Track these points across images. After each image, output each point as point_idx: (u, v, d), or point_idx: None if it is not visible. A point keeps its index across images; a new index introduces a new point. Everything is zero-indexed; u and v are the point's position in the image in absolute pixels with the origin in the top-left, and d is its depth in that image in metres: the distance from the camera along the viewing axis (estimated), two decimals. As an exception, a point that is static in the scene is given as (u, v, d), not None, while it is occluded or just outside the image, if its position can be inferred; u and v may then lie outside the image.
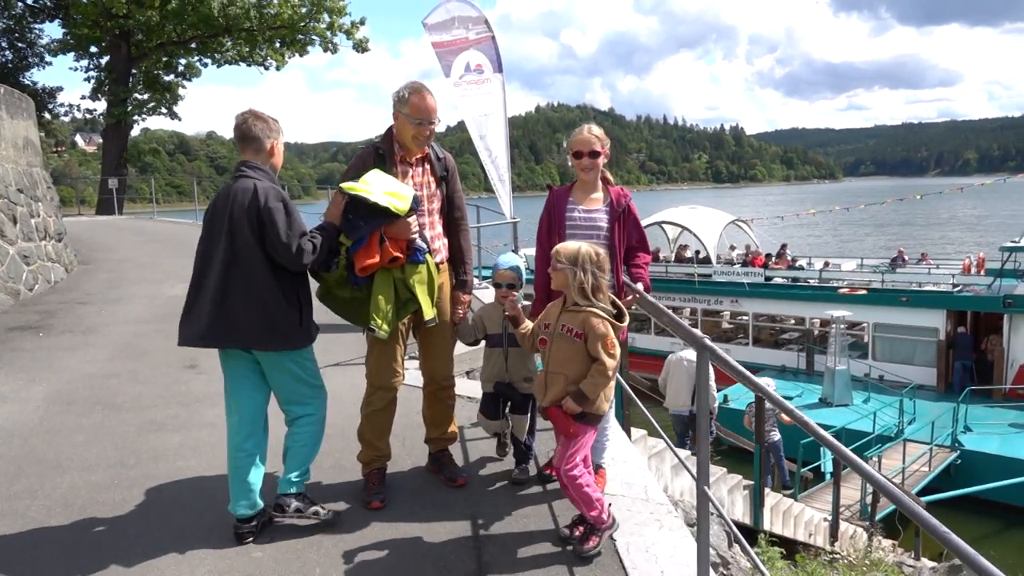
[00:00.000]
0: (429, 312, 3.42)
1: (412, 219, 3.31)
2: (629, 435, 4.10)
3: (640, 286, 3.62)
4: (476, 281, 4.85)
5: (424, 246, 3.40)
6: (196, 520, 3.33)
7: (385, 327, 3.30)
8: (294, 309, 3.12)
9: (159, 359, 6.25)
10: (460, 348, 3.94)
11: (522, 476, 3.66)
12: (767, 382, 11.22)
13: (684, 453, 6.31)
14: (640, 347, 19.35)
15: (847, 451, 1.63)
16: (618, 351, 2.94)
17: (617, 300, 3.13)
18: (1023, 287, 17.09)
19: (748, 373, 2.22)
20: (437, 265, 3.52)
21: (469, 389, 4.98)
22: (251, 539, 3.13)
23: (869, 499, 10.98)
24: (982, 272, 19.68)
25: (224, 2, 21.81)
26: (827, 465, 12.07)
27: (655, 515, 3.26)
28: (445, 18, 7.66)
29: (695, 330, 2.51)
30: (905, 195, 29.35)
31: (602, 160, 3.61)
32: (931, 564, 9.74)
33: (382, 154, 3.48)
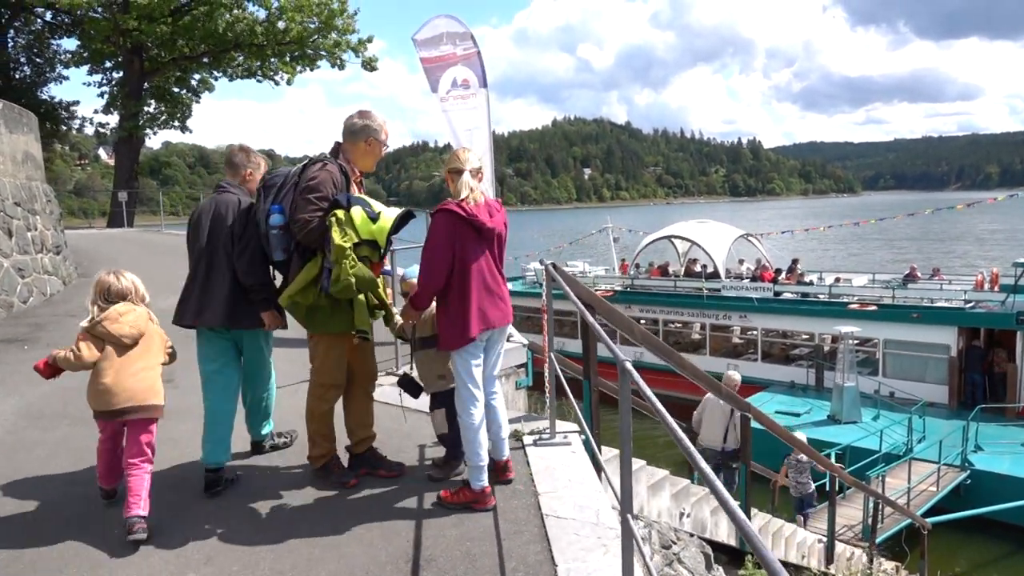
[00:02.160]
0: (394, 317, 4.01)
1: None
2: (598, 453, 3.99)
3: None
4: None
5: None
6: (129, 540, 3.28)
7: (368, 329, 3.77)
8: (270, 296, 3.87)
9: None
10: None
11: (436, 475, 3.91)
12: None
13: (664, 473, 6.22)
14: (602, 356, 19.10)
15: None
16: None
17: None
18: (1037, 303, 16.74)
19: (664, 412, 2.12)
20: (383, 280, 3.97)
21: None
22: (220, 488, 3.78)
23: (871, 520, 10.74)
24: (996, 288, 19.30)
25: (231, 19, 22.10)
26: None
27: (602, 540, 3.15)
28: (434, 34, 7.65)
29: (618, 351, 2.43)
30: (926, 209, 28.92)
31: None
32: (934, 588, 9.48)
33: (345, 173, 3.77)
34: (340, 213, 3.55)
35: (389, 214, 3.70)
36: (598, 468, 3.97)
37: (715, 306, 21.01)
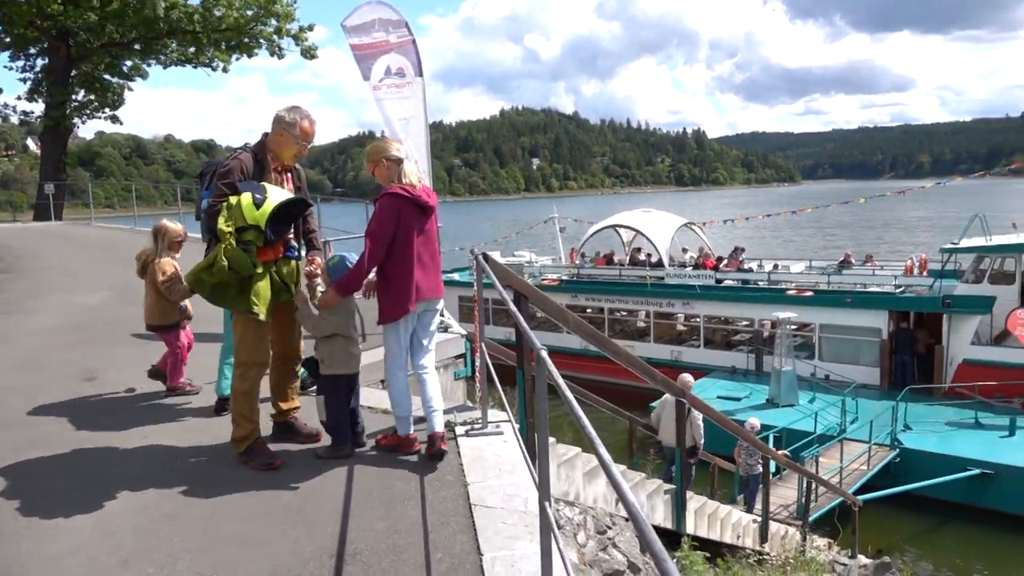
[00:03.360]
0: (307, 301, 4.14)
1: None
2: (528, 442, 4.01)
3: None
4: None
5: (295, 245, 4.11)
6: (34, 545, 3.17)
7: (264, 311, 3.85)
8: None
9: (59, 372, 6.00)
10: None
11: (322, 454, 4.05)
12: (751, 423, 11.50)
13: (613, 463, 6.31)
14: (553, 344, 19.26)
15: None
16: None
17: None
18: (962, 287, 17.46)
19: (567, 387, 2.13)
20: (297, 264, 4.14)
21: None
22: (226, 412, 4.37)
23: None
24: (924, 273, 20.08)
25: (167, 5, 21.35)
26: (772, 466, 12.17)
27: (529, 528, 3.17)
28: (364, 20, 7.51)
29: (533, 337, 2.43)
30: (860, 197, 29.88)
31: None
32: (864, 561, 9.85)
33: (259, 161, 3.96)
34: (232, 199, 3.75)
35: (274, 200, 3.81)
36: (532, 457, 4.00)
37: (659, 294, 21.33)
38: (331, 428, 4.06)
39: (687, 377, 10.49)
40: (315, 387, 4.29)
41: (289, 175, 4.17)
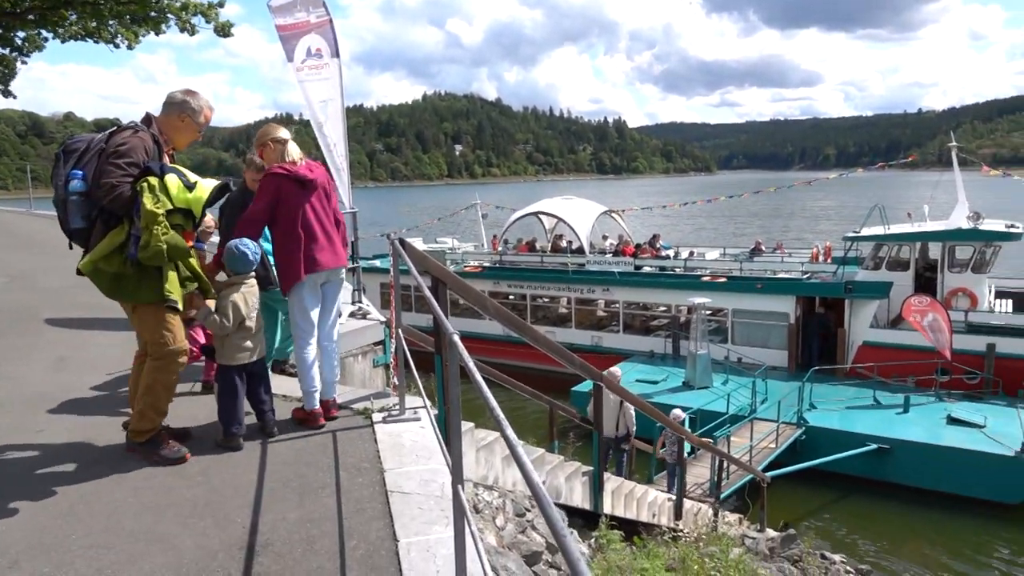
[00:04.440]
0: (211, 290, 3.98)
1: None
2: (444, 427, 4.00)
3: None
4: None
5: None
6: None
7: (179, 299, 3.71)
8: None
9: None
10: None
11: (220, 442, 3.99)
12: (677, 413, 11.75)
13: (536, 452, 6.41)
14: (476, 331, 19.51)
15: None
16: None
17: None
18: (862, 274, 18.43)
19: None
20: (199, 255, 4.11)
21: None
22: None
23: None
24: (828, 260, 21.08)
25: (64, -27, 19.99)
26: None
27: (446, 513, 3.17)
28: (288, 0, 7.31)
29: (447, 323, 2.43)
30: (770, 187, 31.04)
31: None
32: (772, 534, 10.30)
33: (157, 143, 3.74)
34: (153, 180, 3.50)
35: (206, 184, 3.67)
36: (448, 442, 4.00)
37: (580, 280, 21.63)
38: (222, 417, 3.99)
39: (616, 371, 11.27)
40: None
41: (173, 160, 3.99)
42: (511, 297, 22.87)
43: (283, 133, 4.23)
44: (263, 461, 3.75)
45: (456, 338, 2.21)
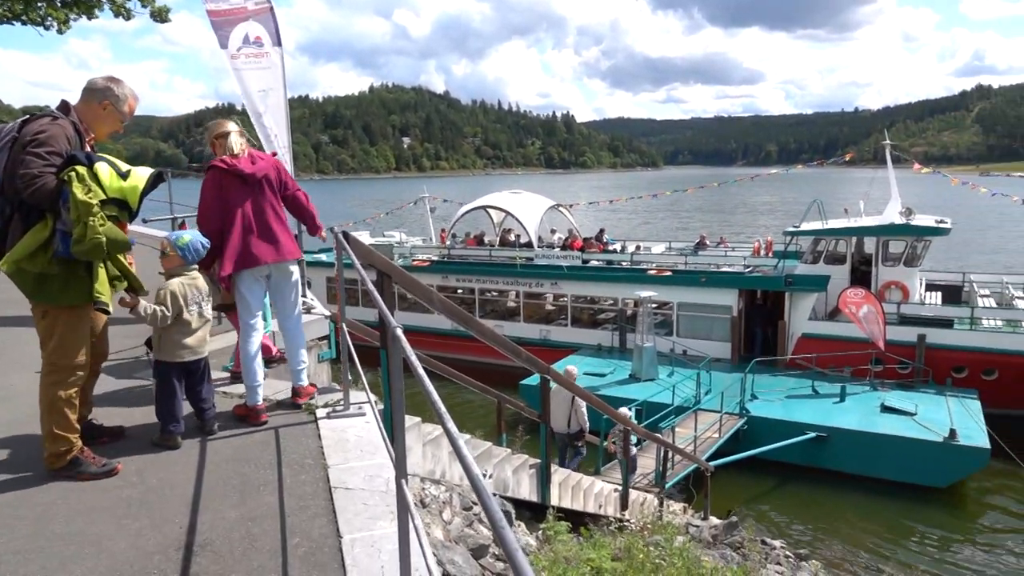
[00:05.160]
0: (143, 288, 3.75)
1: None
2: (388, 422, 3.97)
3: None
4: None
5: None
6: None
7: (108, 301, 3.48)
8: None
9: None
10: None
11: (157, 441, 3.88)
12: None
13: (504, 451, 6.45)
14: (425, 326, 19.55)
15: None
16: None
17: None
18: (802, 267, 18.97)
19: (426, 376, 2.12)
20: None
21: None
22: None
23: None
24: (770, 254, 21.63)
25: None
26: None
27: (391, 508, 3.15)
28: (221, -16, 7.10)
29: (390, 317, 2.40)
30: (714, 182, 31.66)
31: None
32: (715, 522, 10.54)
33: (78, 132, 3.50)
34: (81, 169, 3.25)
35: (141, 172, 3.49)
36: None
37: (528, 274, 21.71)
38: (159, 415, 3.88)
39: (572, 369, 11.78)
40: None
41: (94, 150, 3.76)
42: (459, 291, 22.81)
43: (228, 127, 4.24)
44: (202, 460, 3.66)
45: (399, 332, 2.18)
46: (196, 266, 4.03)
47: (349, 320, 5.10)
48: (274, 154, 4.48)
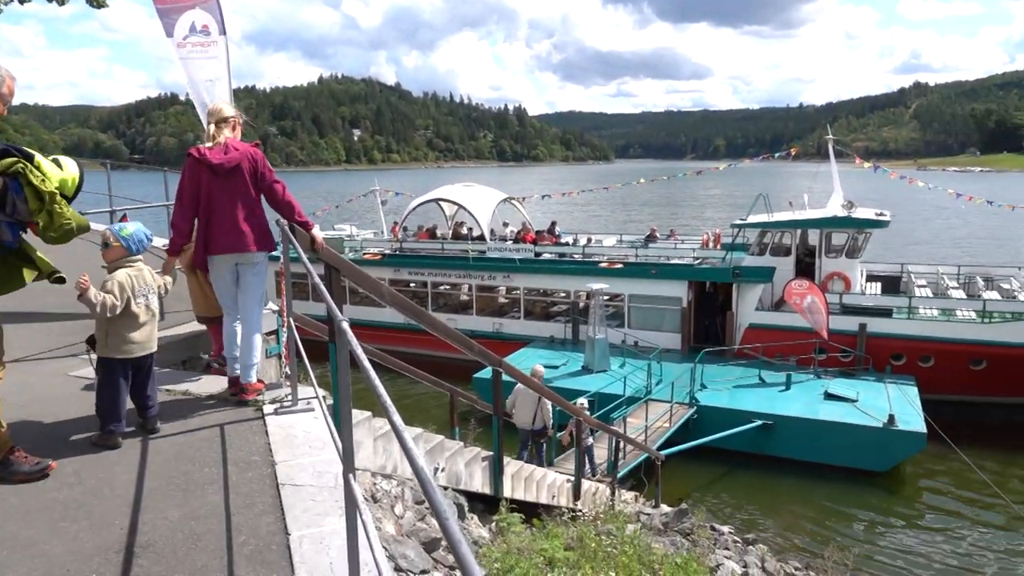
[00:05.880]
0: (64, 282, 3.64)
1: None
2: (336, 417, 3.92)
3: None
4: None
5: None
6: None
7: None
8: None
9: None
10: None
11: (96, 441, 3.78)
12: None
13: (456, 445, 6.44)
14: (378, 320, 19.45)
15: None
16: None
17: None
18: (748, 259, 19.37)
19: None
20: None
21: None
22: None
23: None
24: (718, 246, 22.04)
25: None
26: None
27: (339, 503, 3.11)
28: (167, -29, 6.88)
29: (336, 311, 2.37)
30: (664, 176, 32.07)
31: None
32: (666, 509, 10.72)
33: None
34: (23, 161, 3.21)
35: (69, 164, 3.43)
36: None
37: (481, 267, 21.67)
38: (100, 413, 3.77)
39: (540, 369, 11.99)
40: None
41: None
42: (412, 285, 22.66)
43: (222, 113, 4.39)
44: (143, 459, 3.56)
45: (345, 325, 2.15)
46: (140, 258, 3.93)
47: (297, 315, 5.02)
48: (256, 144, 4.43)
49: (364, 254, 23.08)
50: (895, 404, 14.62)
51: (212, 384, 4.78)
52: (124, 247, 3.85)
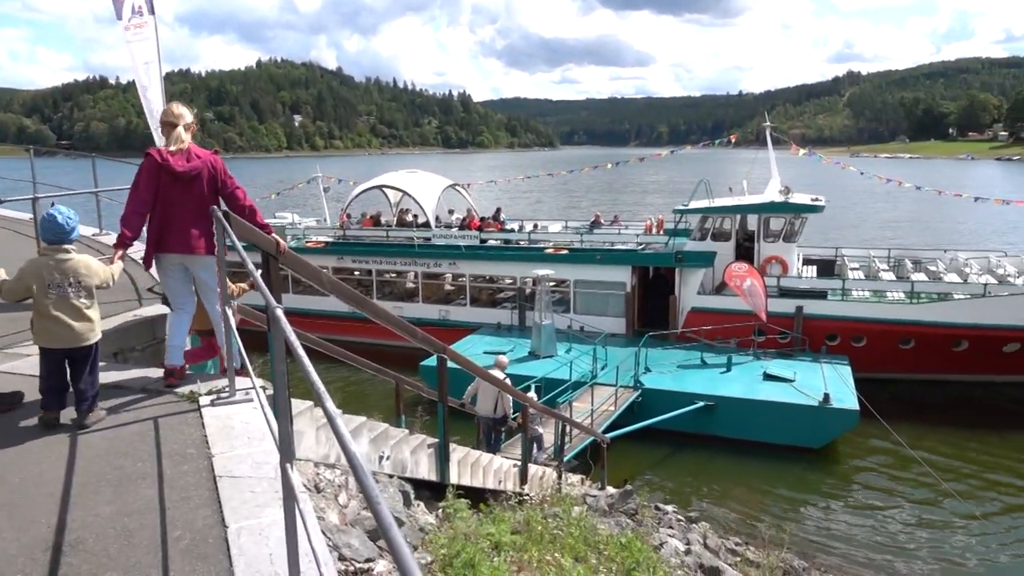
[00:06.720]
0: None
1: None
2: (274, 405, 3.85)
3: None
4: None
5: None
6: None
7: None
8: None
9: None
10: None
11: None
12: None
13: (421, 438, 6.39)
14: (321, 309, 19.13)
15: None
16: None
17: None
18: (690, 244, 19.73)
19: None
20: None
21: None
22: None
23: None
24: (661, 232, 22.36)
25: None
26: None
27: (279, 494, 3.06)
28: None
29: (271, 299, 2.32)
30: (607, 163, 32.33)
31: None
32: (612, 491, 10.89)
33: None
34: None
35: None
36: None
37: (426, 255, 21.54)
38: (40, 390, 3.85)
39: (504, 360, 12.16)
40: None
41: None
42: (356, 273, 22.38)
43: (175, 117, 4.42)
44: (72, 454, 3.43)
45: (279, 312, 2.11)
46: (68, 247, 3.79)
47: (241, 305, 4.92)
48: (216, 152, 4.59)
49: (307, 242, 22.67)
50: (830, 383, 15.15)
51: (146, 377, 4.64)
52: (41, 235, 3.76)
